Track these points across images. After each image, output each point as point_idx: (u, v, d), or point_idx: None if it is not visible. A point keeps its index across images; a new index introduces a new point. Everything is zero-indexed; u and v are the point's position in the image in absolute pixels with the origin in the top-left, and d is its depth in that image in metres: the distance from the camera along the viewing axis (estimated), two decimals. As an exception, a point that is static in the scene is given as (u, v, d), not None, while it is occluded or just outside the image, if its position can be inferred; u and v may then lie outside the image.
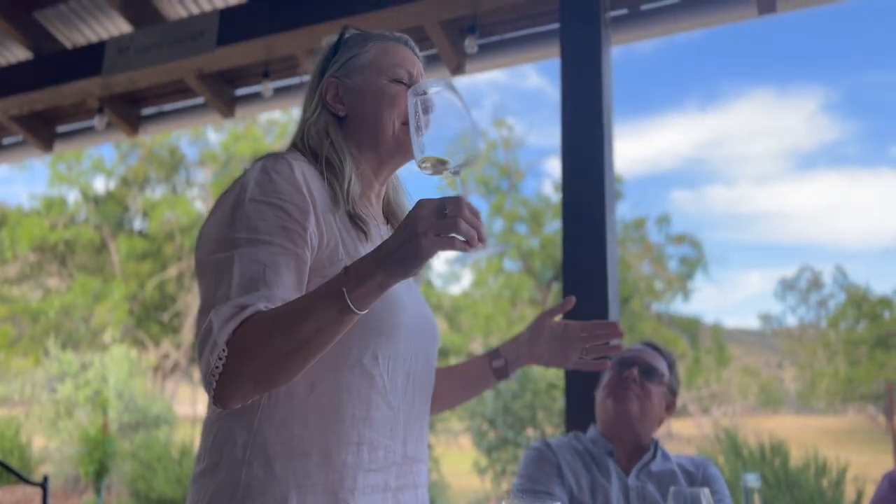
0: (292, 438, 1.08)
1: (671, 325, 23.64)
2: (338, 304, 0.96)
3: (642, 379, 1.86)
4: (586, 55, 2.73)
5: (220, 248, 1.06)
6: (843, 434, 22.95)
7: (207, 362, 0.99)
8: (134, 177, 21.39)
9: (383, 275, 0.95)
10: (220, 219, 1.10)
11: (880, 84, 37.88)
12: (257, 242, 1.04)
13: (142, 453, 8.34)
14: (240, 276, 1.02)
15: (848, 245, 39.37)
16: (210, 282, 1.05)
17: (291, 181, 1.10)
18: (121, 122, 4.39)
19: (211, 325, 0.99)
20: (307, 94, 1.30)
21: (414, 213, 0.93)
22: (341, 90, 1.25)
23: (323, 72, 1.29)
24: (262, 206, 1.07)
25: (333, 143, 1.21)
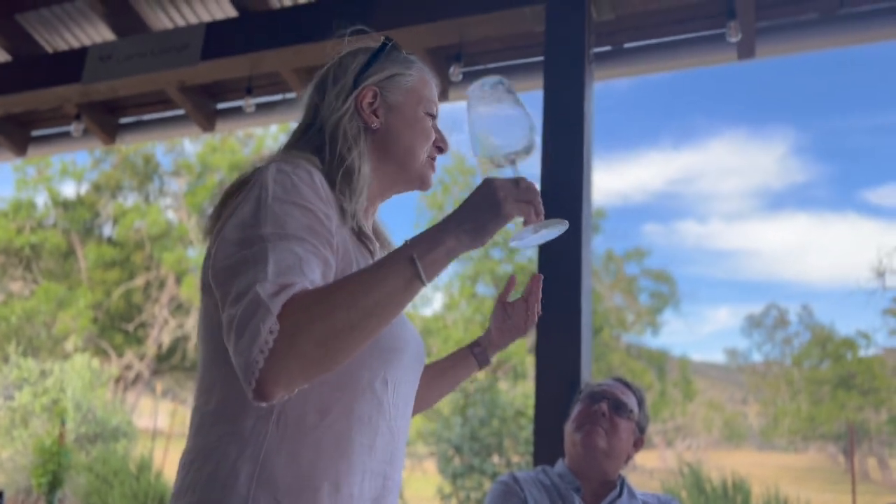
0: (302, 469, 1.00)
1: (639, 357, 23.81)
2: (407, 272, 0.94)
3: (611, 413, 1.86)
4: (569, 89, 2.77)
5: (248, 246, 0.96)
6: (803, 472, 23.18)
7: (255, 337, 0.87)
8: (106, 183, 21.12)
9: (454, 241, 0.97)
10: (241, 221, 1.00)
11: (849, 130, 38.88)
12: (289, 237, 0.96)
13: (98, 466, 8.13)
14: (275, 263, 0.92)
15: (814, 285, 40.13)
16: (242, 275, 0.93)
17: (312, 187, 1.04)
18: (98, 129, 4.34)
19: (257, 296, 0.88)
20: (330, 86, 1.21)
21: (489, 183, 0.98)
22: (379, 103, 1.21)
23: (359, 74, 1.21)
24: (287, 206, 0.99)
25: (361, 155, 1.17)
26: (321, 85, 1.24)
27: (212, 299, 1.03)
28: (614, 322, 22.49)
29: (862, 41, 2.98)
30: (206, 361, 1.08)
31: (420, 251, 0.95)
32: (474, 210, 0.98)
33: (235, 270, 0.95)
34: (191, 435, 1.07)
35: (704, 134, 42.09)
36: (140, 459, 8.30)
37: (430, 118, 1.25)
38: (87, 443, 10.80)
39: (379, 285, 0.93)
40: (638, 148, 45.24)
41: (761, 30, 3.05)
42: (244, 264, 0.94)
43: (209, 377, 1.06)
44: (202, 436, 1.04)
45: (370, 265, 0.98)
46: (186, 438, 1.10)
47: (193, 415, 1.09)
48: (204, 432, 1.04)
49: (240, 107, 4.06)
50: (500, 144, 1.04)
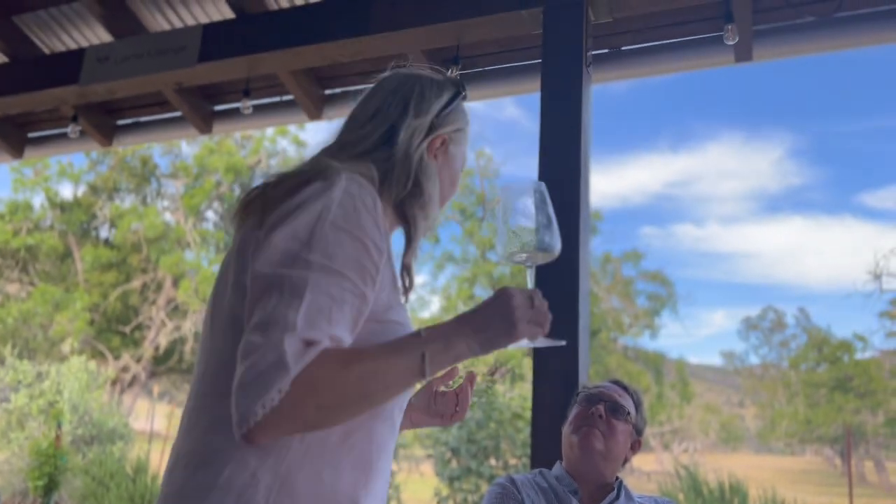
0: (323, 487, 1.01)
1: (636, 359, 23.83)
2: (414, 368, 0.98)
3: (608, 415, 1.86)
4: (567, 92, 2.77)
5: (291, 266, 0.97)
6: (800, 475, 23.19)
7: (264, 390, 0.89)
8: (103, 184, 21.10)
9: (465, 348, 1.02)
10: (293, 233, 1.00)
11: (846, 133, 38.98)
12: (331, 272, 0.98)
13: (95, 469, 8.10)
14: (308, 305, 0.94)
15: (811, 288, 40.16)
16: (274, 299, 0.95)
17: (374, 216, 1.05)
18: (95, 131, 4.33)
19: (282, 352, 0.90)
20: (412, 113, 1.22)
21: (507, 299, 1.03)
22: (442, 150, 1.25)
23: (436, 116, 1.25)
24: (342, 235, 1.00)
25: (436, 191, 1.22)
26: (404, 103, 1.23)
27: (242, 296, 1.03)
28: (612, 324, 22.51)
29: (858, 44, 2.99)
30: (224, 360, 1.04)
31: (432, 351, 0.99)
32: (490, 322, 1.03)
33: (270, 288, 0.96)
34: (193, 435, 1.04)
35: (701, 137, 42.17)
36: (136, 462, 8.28)
37: (461, 172, 1.32)
38: (84, 445, 10.77)
39: (388, 372, 0.98)
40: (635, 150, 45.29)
41: (758, 33, 3.05)
42: (280, 287, 0.96)
43: (222, 380, 1.02)
44: (215, 439, 1.01)
45: (387, 347, 1.01)
46: (184, 434, 1.07)
47: (199, 413, 1.05)
48: (218, 436, 1.01)
49: (237, 108, 4.06)
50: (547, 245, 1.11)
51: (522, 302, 1.03)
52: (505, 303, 1.03)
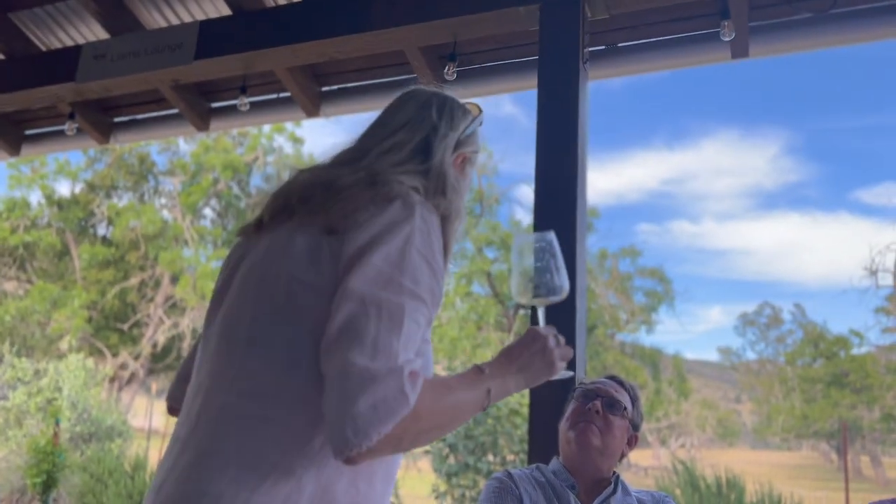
0: (358, 496, 1.05)
1: (633, 355, 23.87)
2: (481, 401, 1.08)
3: (605, 411, 1.87)
4: (564, 89, 2.78)
5: (389, 289, 0.99)
6: (796, 469, 23.27)
7: (384, 420, 0.90)
8: (101, 182, 21.07)
9: (514, 385, 1.14)
10: (388, 255, 1.02)
11: (842, 130, 38.99)
12: (417, 298, 1.02)
13: (93, 466, 8.10)
14: (406, 334, 0.97)
15: (807, 284, 40.24)
16: (374, 322, 0.95)
17: (439, 241, 1.11)
18: (92, 128, 4.33)
19: (402, 385, 0.92)
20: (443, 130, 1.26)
21: (544, 342, 1.17)
22: (460, 169, 1.32)
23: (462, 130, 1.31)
24: (422, 262, 1.05)
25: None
26: (437, 117, 1.28)
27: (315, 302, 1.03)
28: (608, 321, 22.55)
29: (855, 41, 3.00)
30: (279, 360, 1.03)
31: (495, 387, 1.10)
32: (532, 363, 1.16)
33: (370, 309, 0.97)
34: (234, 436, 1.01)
35: (697, 134, 42.16)
36: (135, 459, 8.29)
37: None
38: (82, 442, 10.78)
39: (465, 404, 1.06)
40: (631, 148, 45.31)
41: (755, 29, 3.06)
42: (380, 310, 0.97)
43: (277, 380, 1.02)
44: (259, 443, 1.00)
45: (460, 380, 1.08)
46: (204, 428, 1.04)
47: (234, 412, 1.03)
48: (262, 440, 1.00)
49: (234, 105, 4.05)
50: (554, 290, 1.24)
51: (552, 342, 1.18)
52: (543, 345, 1.17)
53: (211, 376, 1.09)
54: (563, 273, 1.25)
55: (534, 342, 1.17)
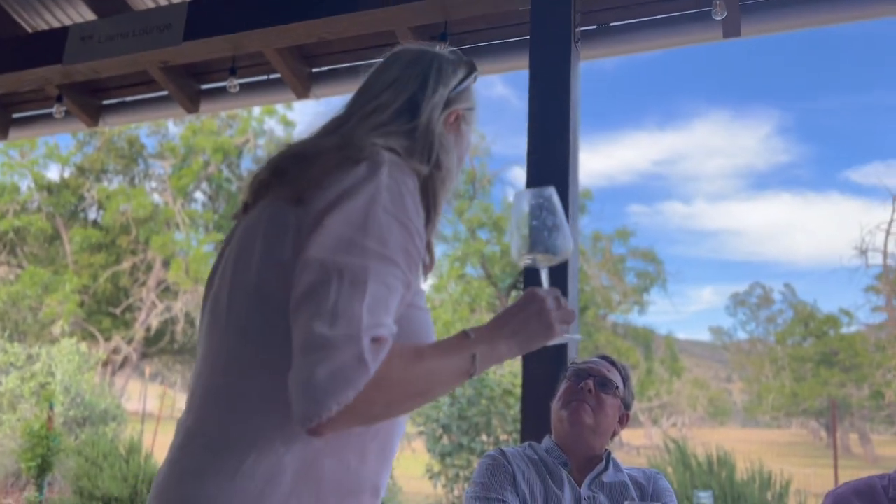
0: (349, 473, 1.02)
1: (626, 335, 24.00)
2: (466, 368, 1.01)
3: (597, 390, 1.88)
4: (555, 69, 2.77)
5: (350, 252, 0.95)
6: (786, 447, 23.52)
7: (341, 389, 0.87)
8: (90, 166, 20.93)
9: (506, 349, 1.06)
10: (348, 216, 0.98)
11: (832, 110, 39.04)
12: (387, 260, 0.97)
13: (87, 450, 8.11)
14: (371, 296, 0.93)
15: (798, 264, 40.45)
16: (335, 288, 0.92)
17: (415, 201, 1.05)
18: (80, 111, 4.29)
19: (361, 352, 0.89)
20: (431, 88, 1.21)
21: (541, 302, 1.08)
22: (454, 127, 1.26)
23: (452, 87, 1.25)
24: (392, 221, 0.99)
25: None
26: (423, 75, 1.22)
27: (281, 276, 1.00)
28: (601, 301, 22.64)
29: (846, 19, 2.99)
30: (250, 337, 1.02)
31: (481, 352, 1.03)
32: (528, 325, 1.08)
33: (328, 276, 0.93)
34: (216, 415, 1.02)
35: (688, 115, 42.12)
36: (130, 442, 8.30)
37: None
38: (76, 426, 10.79)
39: (445, 371, 1.00)
40: (622, 129, 45.20)
41: (746, 7, 3.05)
42: (340, 275, 0.93)
43: (253, 357, 1.01)
44: (238, 421, 1.00)
45: (439, 346, 1.03)
46: (196, 412, 1.05)
47: (217, 392, 1.03)
48: (241, 417, 0.99)
49: (224, 87, 4.02)
50: (552, 248, 1.15)
51: (552, 303, 1.09)
52: (540, 306, 1.08)
53: (201, 359, 1.09)
54: (563, 231, 1.16)
55: (530, 303, 1.08)
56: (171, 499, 0.99)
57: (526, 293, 1.10)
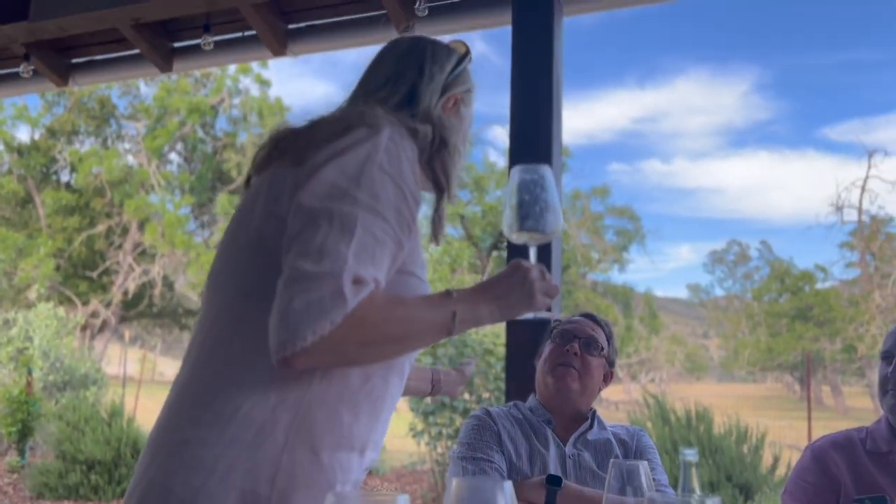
0: (342, 429, 1.05)
1: (605, 293, 24.24)
2: (445, 324, 1.04)
3: (583, 352, 1.88)
4: (538, 26, 2.72)
5: (341, 201, 0.99)
6: (761, 401, 24.09)
7: (317, 318, 0.90)
8: (61, 127, 20.47)
9: (487, 313, 1.09)
10: (342, 167, 1.02)
11: (810, 66, 39.07)
12: (376, 213, 1.01)
13: (69, 414, 8.09)
14: (358, 243, 0.97)
15: (774, 221, 40.91)
16: (323, 231, 0.97)
17: (413, 167, 1.09)
18: (48, 70, 4.16)
19: (341, 284, 0.92)
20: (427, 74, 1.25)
21: (525, 272, 1.12)
22: (454, 111, 1.29)
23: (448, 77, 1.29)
24: (386, 180, 1.03)
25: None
26: (419, 64, 1.26)
27: (279, 229, 1.03)
28: (581, 260, 22.80)
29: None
30: (247, 289, 1.05)
31: (461, 311, 1.05)
32: (511, 292, 1.11)
33: (318, 220, 0.98)
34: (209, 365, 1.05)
35: (669, 72, 41.99)
36: (111, 406, 8.29)
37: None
38: (56, 391, 10.76)
39: (423, 322, 1.04)
40: (603, 87, 45.11)
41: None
42: (329, 219, 0.97)
43: (250, 309, 1.03)
44: (233, 371, 1.02)
45: (421, 299, 1.08)
46: (192, 365, 1.07)
47: (214, 344, 1.06)
48: (237, 368, 1.02)
49: (198, 45, 3.91)
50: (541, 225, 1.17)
51: (537, 275, 1.13)
52: (523, 275, 1.12)
53: (199, 319, 1.13)
54: (553, 210, 1.18)
55: (514, 272, 1.12)
56: (165, 447, 1.01)
57: (511, 263, 1.14)
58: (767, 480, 6.25)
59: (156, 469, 1.00)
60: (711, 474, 6.04)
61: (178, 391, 1.07)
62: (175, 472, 0.98)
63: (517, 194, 1.18)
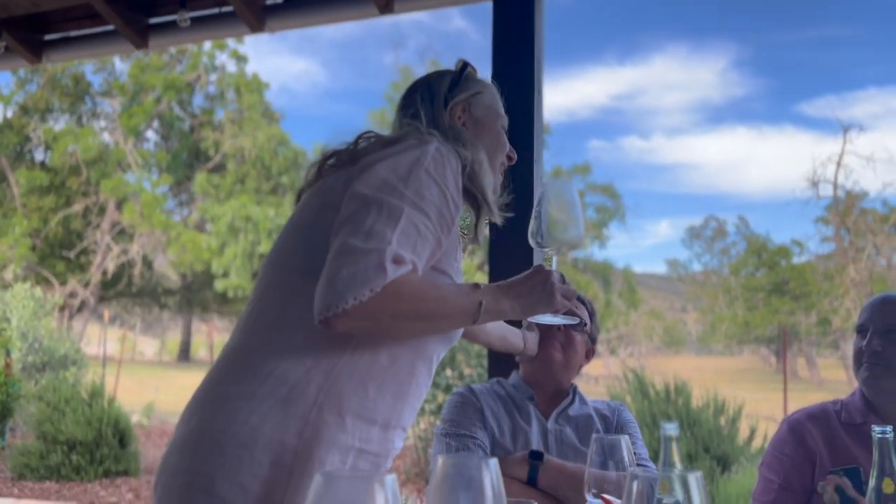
0: (367, 400, 1.15)
1: (586, 270, 24.39)
2: (472, 311, 1.15)
3: (566, 328, 1.91)
4: (519, 2, 2.70)
5: (390, 194, 1.11)
6: (738, 374, 24.45)
7: (360, 284, 1.02)
8: (34, 105, 20.07)
9: (508, 307, 1.19)
10: (394, 166, 1.14)
11: (788, 43, 39.19)
12: (420, 210, 1.12)
13: (49, 395, 8.02)
14: (401, 231, 1.08)
15: (751, 196, 41.26)
16: (373, 216, 1.09)
17: (457, 176, 1.19)
18: (21, 47, 4.07)
19: (383, 256, 1.04)
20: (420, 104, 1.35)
21: (547, 275, 1.22)
22: (466, 117, 1.38)
23: (447, 92, 1.38)
24: (431, 182, 1.14)
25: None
26: (411, 104, 1.37)
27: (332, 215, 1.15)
28: (561, 237, 22.88)
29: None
30: (296, 265, 1.17)
31: (487, 302, 1.16)
32: (532, 291, 1.21)
33: (369, 206, 1.10)
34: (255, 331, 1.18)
35: (648, 48, 41.93)
36: (91, 386, 8.24)
37: (503, 131, 1.45)
38: (35, 372, 10.66)
39: (454, 307, 1.15)
40: (582, 63, 44.99)
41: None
42: (381, 208, 1.09)
43: (297, 284, 1.15)
44: (277, 335, 1.15)
45: (452, 286, 1.19)
46: (240, 331, 1.20)
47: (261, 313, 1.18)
48: (280, 333, 1.14)
49: (174, 21, 3.84)
50: (569, 237, 1.27)
51: (558, 278, 1.24)
52: (545, 277, 1.22)
53: (252, 295, 1.26)
54: (579, 224, 1.27)
55: (536, 274, 1.23)
56: (208, 401, 1.14)
57: (534, 267, 1.25)
58: (744, 452, 6.37)
59: (197, 419, 1.13)
60: (689, 446, 6.14)
61: (224, 354, 1.19)
62: (213, 420, 1.10)
63: (539, 208, 1.28)
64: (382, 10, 3.27)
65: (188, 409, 1.17)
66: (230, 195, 19.82)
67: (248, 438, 1.07)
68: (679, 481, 0.87)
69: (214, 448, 1.08)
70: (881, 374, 1.71)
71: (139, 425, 10.37)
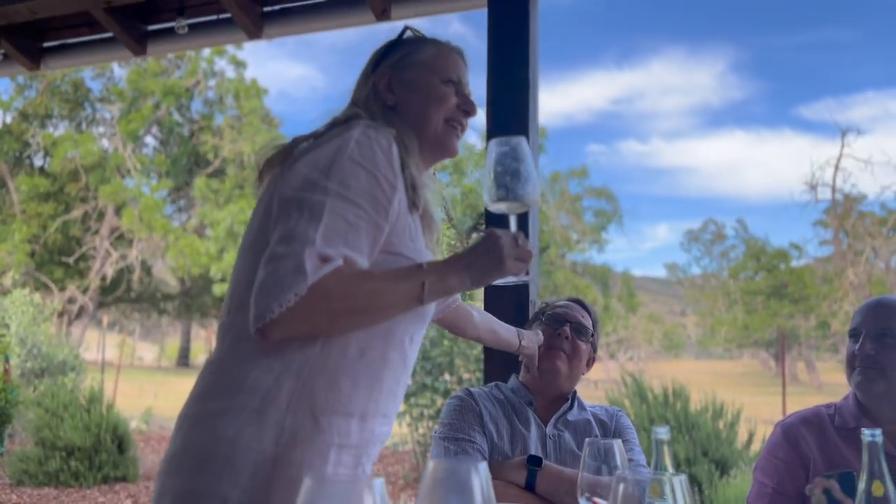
0: (341, 395, 1.14)
1: (584, 274, 24.40)
2: (415, 294, 1.12)
3: (573, 337, 1.91)
4: (515, 6, 2.71)
5: (310, 190, 1.10)
6: (737, 377, 24.43)
7: (282, 291, 1.02)
8: (34, 111, 20.09)
9: (457, 281, 1.15)
10: (314, 162, 1.13)
11: (786, 46, 39.35)
12: (347, 200, 1.10)
13: (47, 401, 8.01)
14: (326, 226, 1.07)
15: (750, 200, 41.37)
16: (294, 218, 1.08)
17: (388, 156, 1.16)
18: (20, 54, 4.09)
19: (301, 260, 1.03)
20: (359, 82, 1.37)
21: (495, 240, 1.16)
22: (394, 81, 1.34)
23: (377, 63, 1.37)
24: (357, 168, 1.12)
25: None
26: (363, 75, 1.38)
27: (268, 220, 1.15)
28: (560, 241, 22.90)
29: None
30: (248, 279, 1.15)
31: (430, 281, 1.12)
32: (481, 260, 1.16)
33: (291, 209, 1.09)
34: (224, 344, 1.18)
35: (645, 52, 42.11)
36: (90, 392, 8.23)
37: (448, 85, 1.35)
38: (34, 378, 10.65)
39: (392, 294, 1.12)
40: (580, 68, 45.09)
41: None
42: (301, 208, 1.09)
43: (245, 296, 1.13)
44: (242, 347, 1.14)
45: (391, 272, 1.15)
46: (215, 348, 1.21)
47: (228, 327, 1.18)
48: (244, 344, 1.13)
49: (172, 28, 3.85)
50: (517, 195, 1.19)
51: (508, 241, 1.17)
52: (493, 242, 1.16)
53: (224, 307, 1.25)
54: (527, 180, 1.20)
55: (485, 240, 1.18)
56: (188, 419, 1.16)
57: (485, 232, 1.20)
58: (743, 456, 6.36)
59: (181, 438, 1.14)
60: (688, 450, 6.14)
61: (204, 367, 1.21)
62: (193, 440, 1.12)
63: (494, 165, 1.21)
64: (379, 17, 3.29)
65: (175, 425, 1.19)
66: (229, 200, 19.83)
67: (228, 452, 1.08)
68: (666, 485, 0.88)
69: (194, 466, 1.10)
70: (874, 378, 1.71)
71: (138, 431, 10.36)
